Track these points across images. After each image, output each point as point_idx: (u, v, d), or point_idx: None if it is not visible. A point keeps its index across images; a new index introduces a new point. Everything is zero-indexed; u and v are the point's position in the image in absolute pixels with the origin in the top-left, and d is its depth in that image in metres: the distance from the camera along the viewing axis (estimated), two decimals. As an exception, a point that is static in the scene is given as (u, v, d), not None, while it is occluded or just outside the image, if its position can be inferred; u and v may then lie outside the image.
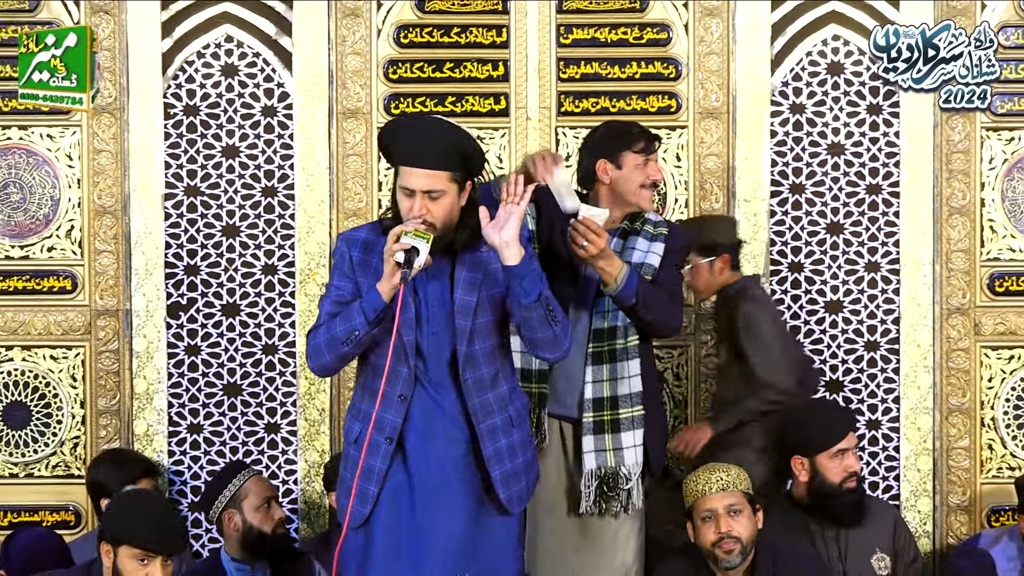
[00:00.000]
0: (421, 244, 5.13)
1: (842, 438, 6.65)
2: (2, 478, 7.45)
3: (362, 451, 5.49)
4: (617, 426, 6.05)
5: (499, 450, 5.49)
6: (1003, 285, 7.47)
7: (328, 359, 5.43)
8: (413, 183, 5.29)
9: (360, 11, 7.32)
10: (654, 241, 6.12)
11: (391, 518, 5.50)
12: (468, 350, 5.44)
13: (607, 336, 6.07)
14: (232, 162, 7.38)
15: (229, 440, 7.44)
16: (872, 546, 6.66)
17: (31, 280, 7.41)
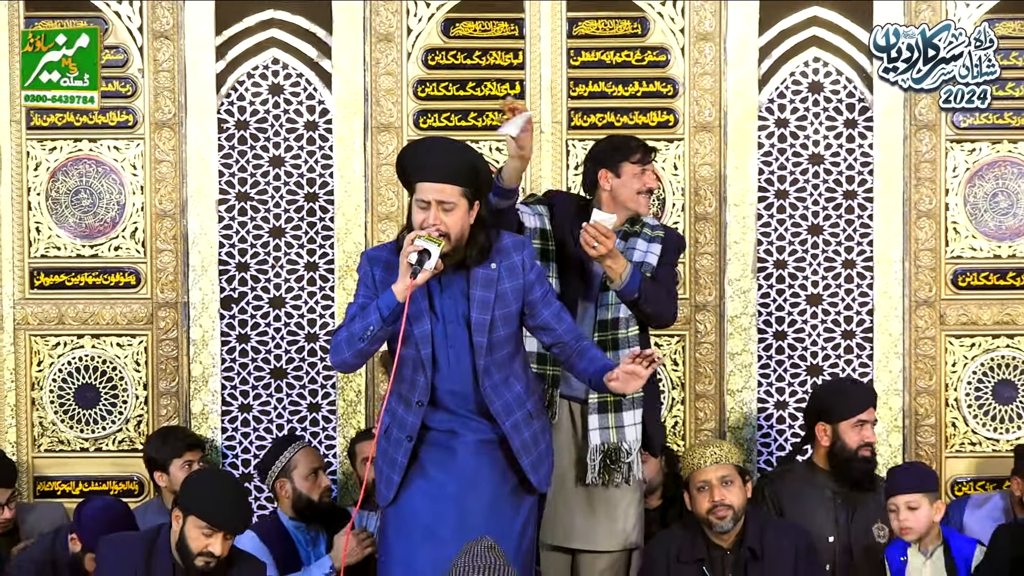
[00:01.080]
0: (433, 248, 5.20)
1: (863, 411, 6.70)
2: (74, 452, 7.48)
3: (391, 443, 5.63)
4: (619, 406, 6.12)
5: (524, 441, 5.59)
6: (965, 280, 7.47)
7: (347, 355, 5.48)
8: (428, 195, 5.36)
9: (392, 36, 7.36)
10: (652, 242, 6.22)
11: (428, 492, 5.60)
12: (485, 362, 5.53)
13: (610, 327, 6.14)
14: (278, 171, 7.45)
15: (275, 418, 7.48)
16: (876, 516, 6.66)
17: (100, 276, 7.46)
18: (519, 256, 5.59)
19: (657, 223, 6.39)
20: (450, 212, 5.39)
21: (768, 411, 7.54)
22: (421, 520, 5.62)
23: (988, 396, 7.55)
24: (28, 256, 7.48)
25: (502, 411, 5.59)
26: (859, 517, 6.73)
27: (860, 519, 6.73)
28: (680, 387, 7.56)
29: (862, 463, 6.69)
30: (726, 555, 6.20)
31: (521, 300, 5.58)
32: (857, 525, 6.72)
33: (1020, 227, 7.53)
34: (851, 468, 6.71)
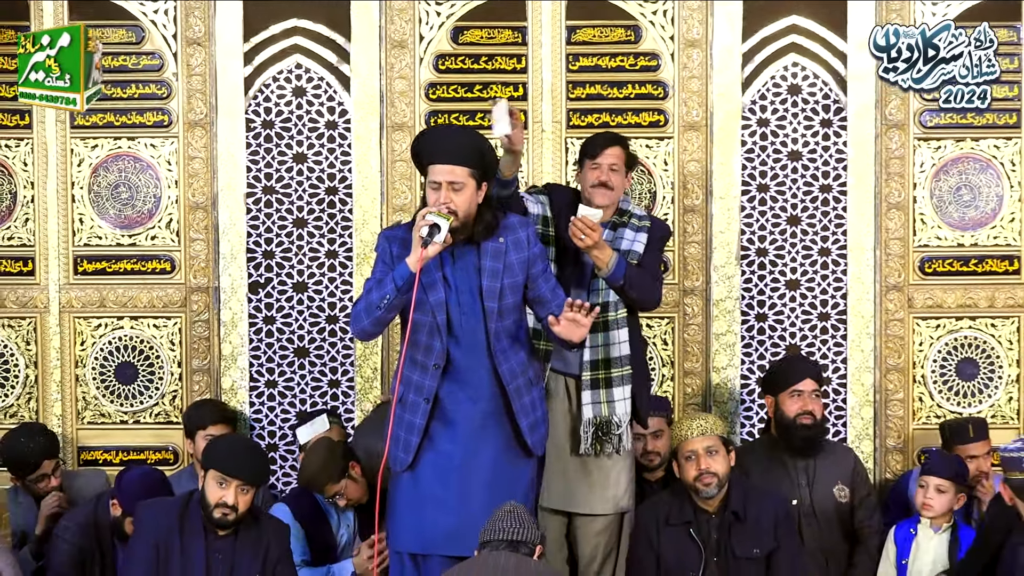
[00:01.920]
0: (443, 223, 5.31)
1: (798, 381, 6.73)
2: (114, 424, 7.51)
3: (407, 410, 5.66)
4: (610, 382, 6.16)
5: (524, 405, 5.64)
6: (931, 267, 7.47)
7: (365, 323, 5.55)
8: (439, 176, 5.47)
9: (405, 43, 7.36)
10: (639, 232, 6.23)
11: (436, 462, 5.63)
12: (495, 327, 5.59)
13: (601, 310, 6.05)
14: (301, 166, 7.45)
15: (299, 393, 7.49)
16: (835, 479, 6.72)
17: (137, 263, 7.47)
18: (524, 232, 5.70)
19: (644, 214, 6.41)
20: (459, 192, 5.49)
21: (750, 387, 7.54)
22: (430, 489, 5.66)
23: (952, 373, 7.55)
24: (72, 245, 7.49)
25: (508, 374, 5.65)
26: (819, 481, 6.77)
27: (820, 482, 6.77)
28: (669, 365, 7.55)
29: (801, 430, 6.71)
30: (711, 518, 6.21)
31: (526, 272, 5.67)
32: (818, 488, 6.76)
33: (982, 218, 7.51)
34: (791, 435, 6.75)
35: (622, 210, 6.32)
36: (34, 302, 7.52)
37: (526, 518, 5.31)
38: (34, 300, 7.52)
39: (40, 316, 7.53)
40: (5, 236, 7.52)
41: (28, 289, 7.52)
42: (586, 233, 5.91)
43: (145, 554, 5.84)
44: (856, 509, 6.78)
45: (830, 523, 6.76)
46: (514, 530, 5.25)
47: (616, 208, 6.32)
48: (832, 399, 7.40)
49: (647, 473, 6.88)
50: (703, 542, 6.19)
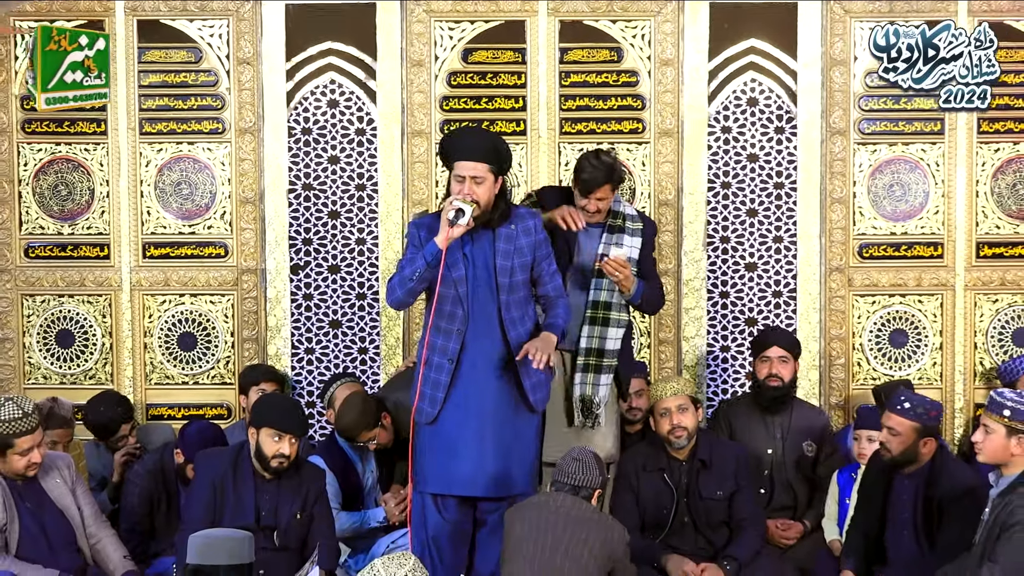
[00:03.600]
0: (467, 208, 5.39)
1: (766, 349, 6.73)
2: (177, 385, 7.51)
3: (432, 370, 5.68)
4: (599, 369, 6.14)
5: (528, 368, 5.64)
6: (868, 252, 7.46)
7: (399, 293, 5.61)
8: (464, 171, 5.53)
9: (423, 63, 7.34)
10: (634, 236, 6.22)
11: (455, 416, 5.65)
12: (506, 299, 5.64)
13: (603, 307, 6.14)
14: (334, 167, 7.43)
15: (332, 359, 7.48)
16: (806, 436, 6.74)
17: (196, 248, 7.47)
18: (532, 221, 5.76)
19: (635, 213, 6.35)
20: (480, 184, 5.55)
21: (715, 353, 7.55)
22: (449, 438, 5.69)
23: (885, 341, 7.54)
24: (141, 233, 7.49)
25: (515, 340, 5.68)
26: (791, 436, 6.77)
27: (792, 437, 6.77)
28: (647, 335, 7.54)
29: (769, 390, 6.72)
30: (682, 465, 6.24)
31: (534, 254, 5.71)
32: (790, 442, 6.76)
33: (911, 211, 7.49)
34: (761, 394, 6.76)
35: (615, 212, 6.28)
36: (109, 282, 7.51)
37: (589, 464, 5.36)
38: (109, 280, 7.51)
39: (114, 294, 7.52)
40: (84, 226, 7.50)
41: (104, 271, 7.51)
42: (621, 272, 6.03)
43: (204, 496, 5.84)
44: (819, 464, 6.79)
45: (796, 472, 6.78)
46: (576, 475, 5.33)
47: (609, 211, 6.27)
48: (784, 363, 7.37)
49: (628, 426, 6.87)
50: (675, 485, 6.22)
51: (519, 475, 5.76)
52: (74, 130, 7.44)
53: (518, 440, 5.77)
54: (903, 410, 5.72)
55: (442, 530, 5.78)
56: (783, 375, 6.73)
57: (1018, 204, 7.51)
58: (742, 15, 7.38)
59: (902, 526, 5.84)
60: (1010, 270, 7.54)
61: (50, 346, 7.55)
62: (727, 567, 6.04)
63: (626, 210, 6.32)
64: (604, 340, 6.17)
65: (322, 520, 6.01)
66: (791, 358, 6.79)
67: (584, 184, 6.11)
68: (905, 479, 5.84)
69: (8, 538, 5.58)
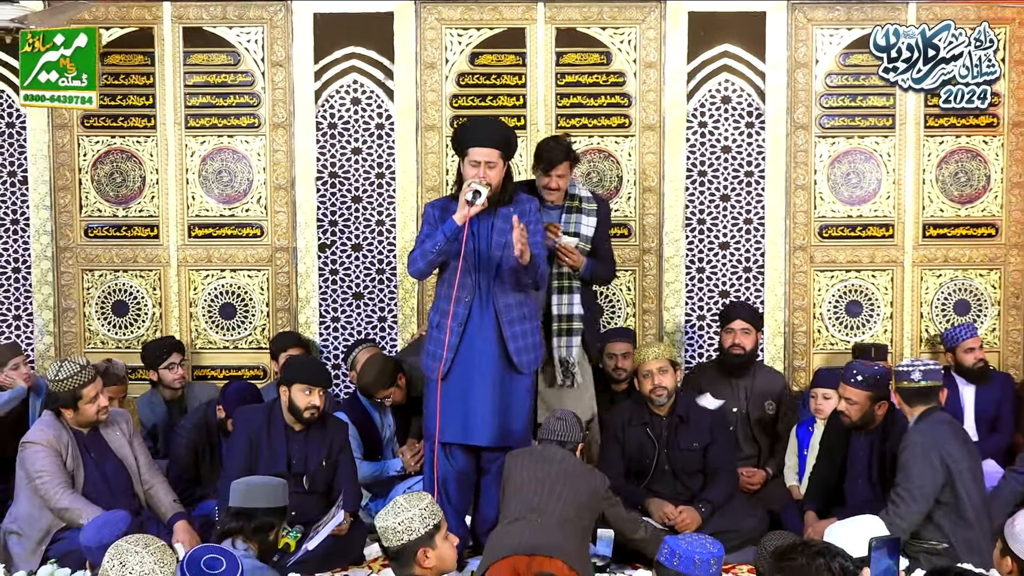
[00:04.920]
0: (483, 190, 5.42)
1: (731, 321, 6.77)
2: (219, 348, 7.54)
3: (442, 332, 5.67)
4: (571, 332, 6.19)
5: (514, 333, 5.67)
6: (827, 232, 7.45)
7: (421, 264, 5.62)
8: (478, 157, 5.54)
9: (435, 65, 7.33)
10: (590, 216, 6.26)
11: (459, 373, 5.67)
12: (500, 268, 5.64)
13: (567, 277, 6.20)
14: (357, 157, 7.43)
15: (355, 327, 7.50)
16: (766, 396, 6.80)
17: (235, 229, 7.48)
18: (528, 205, 5.77)
19: (590, 195, 6.38)
20: (492, 168, 5.58)
21: (692, 322, 7.55)
22: (453, 393, 5.70)
23: (842, 311, 7.55)
24: (187, 216, 7.50)
25: (503, 307, 5.70)
26: (754, 396, 6.80)
27: (755, 397, 6.80)
28: (633, 305, 7.55)
29: (732, 357, 6.76)
30: (662, 420, 6.25)
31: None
32: (753, 401, 6.80)
33: (865, 196, 7.48)
34: (724, 360, 6.81)
35: (571, 195, 6.31)
36: (158, 259, 7.52)
37: (571, 423, 5.44)
38: (158, 257, 7.52)
39: (163, 269, 7.52)
40: (137, 209, 7.50)
41: (154, 249, 7.52)
42: (569, 256, 6.09)
43: (242, 447, 5.87)
44: (779, 420, 6.82)
45: (758, 427, 6.81)
46: (561, 432, 5.40)
47: (566, 194, 6.30)
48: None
49: (615, 385, 6.89)
50: (656, 438, 6.23)
51: (516, 428, 5.78)
52: (127, 124, 7.45)
53: (514, 398, 5.78)
54: (857, 382, 5.78)
55: (450, 476, 5.80)
56: (745, 344, 6.76)
57: (960, 190, 7.50)
58: (717, 23, 7.37)
59: (858, 475, 5.91)
60: (952, 248, 7.53)
61: (107, 315, 7.57)
62: (702, 509, 6.05)
63: (581, 192, 6.35)
64: (572, 306, 6.22)
65: (346, 467, 6.04)
66: (753, 330, 6.81)
67: (547, 162, 6.21)
68: (861, 436, 5.92)
69: (75, 482, 5.65)
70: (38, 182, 7.46)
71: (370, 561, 5.88)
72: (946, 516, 5.39)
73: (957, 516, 5.37)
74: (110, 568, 3.69)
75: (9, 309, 7.54)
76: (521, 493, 5.09)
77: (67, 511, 5.52)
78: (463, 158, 5.65)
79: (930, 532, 5.40)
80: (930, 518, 5.40)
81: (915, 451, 5.37)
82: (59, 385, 5.64)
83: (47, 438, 5.64)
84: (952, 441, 5.42)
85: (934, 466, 5.34)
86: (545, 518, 4.95)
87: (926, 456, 5.34)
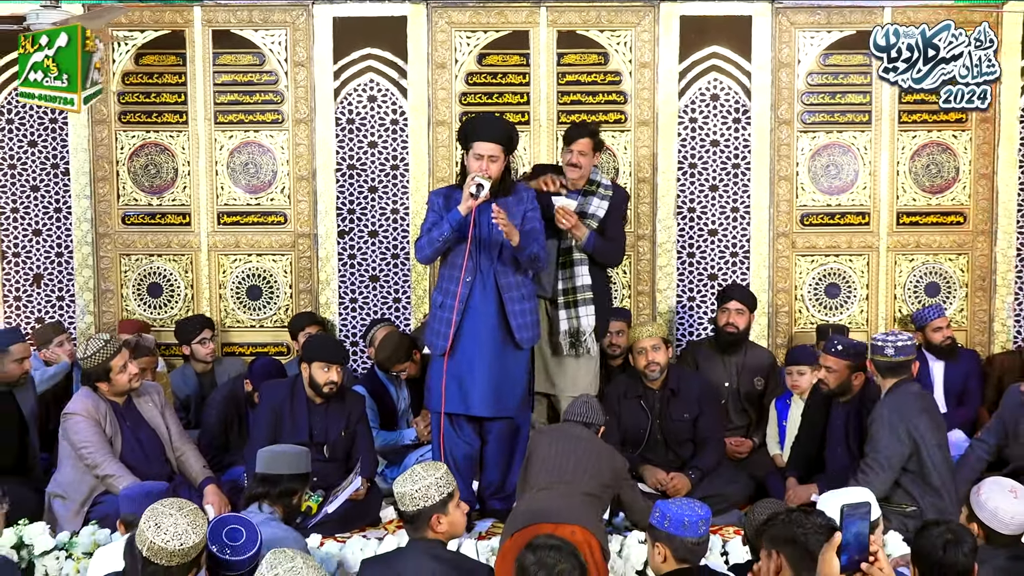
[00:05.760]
0: (485, 183, 5.42)
1: (727, 302, 6.74)
2: (246, 327, 7.54)
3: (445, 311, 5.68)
4: (577, 304, 6.15)
5: (515, 311, 5.68)
6: (808, 220, 7.44)
7: (428, 252, 5.65)
8: (482, 151, 5.54)
9: (446, 64, 7.33)
10: (603, 200, 6.20)
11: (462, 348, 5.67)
12: (499, 252, 5.65)
13: (566, 253, 6.15)
14: (373, 150, 7.42)
15: (372, 307, 7.49)
16: (756, 372, 6.77)
17: (261, 217, 7.48)
18: (526, 193, 5.79)
19: (609, 183, 6.34)
20: (494, 162, 5.57)
21: (683, 303, 7.55)
22: (457, 367, 5.71)
23: (822, 293, 7.55)
24: (216, 204, 7.51)
25: (504, 286, 5.69)
26: (744, 372, 6.79)
27: (745, 373, 6.79)
28: (628, 287, 7.55)
29: (725, 336, 6.74)
30: (655, 393, 6.26)
31: (523, 215, 5.69)
32: (743, 377, 6.79)
33: (843, 186, 7.47)
34: (720, 337, 6.78)
35: (592, 180, 6.27)
36: (190, 244, 7.54)
37: (595, 406, 5.41)
38: (190, 243, 7.54)
39: (194, 253, 7.54)
40: (170, 199, 7.52)
41: (186, 235, 7.54)
42: (566, 218, 5.98)
43: (267, 417, 5.90)
44: (766, 395, 6.81)
45: (748, 401, 6.81)
46: (585, 413, 5.35)
47: (587, 179, 6.27)
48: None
49: (611, 360, 6.90)
50: (650, 409, 6.25)
51: (514, 400, 5.80)
52: (161, 120, 7.45)
53: (512, 371, 5.78)
54: (837, 352, 5.81)
55: (457, 446, 5.83)
56: (738, 324, 6.74)
57: (931, 181, 7.49)
58: (706, 26, 7.35)
59: (837, 444, 5.92)
60: (924, 235, 7.52)
61: (143, 296, 7.58)
62: (691, 475, 6.07)
63: (602, 180, 6.33)
64: (575, 278, 6.17)
65: (363, 437, 6.05)
66: (746, 310, 6.79)
67: (567, 138, 6.23)
68: (840, 407, 5.93)
69: (113, 448, 5.68)
70: (79, 173, 7.47)
71: (385, 523, 5.90)
72: (913, 483, 5.41)
73: (924, 483, 5.40)
74: (146, 529, 3.72)
75: (53, 291, 7.55)
76: (547, 466, 5.05)
77: (110, 478, 5.55)
78: (467, 151, 5.65)
79: (900, 496, 5.43)
80: (899, 484, 5.43)
81: (883, 423, 5.40)
82: (88, 361, 5.67)
83: (86, 408, 5.67)
84: (919, 414, 5.43)
85: (900, 438, 5.36)
86: (570, 488, 4.94)
87: (893, 429, 5.37)
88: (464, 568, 4.08)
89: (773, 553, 3.42)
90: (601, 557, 4.72)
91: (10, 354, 6.16)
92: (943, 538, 3.71)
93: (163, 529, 3.69)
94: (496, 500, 5.90)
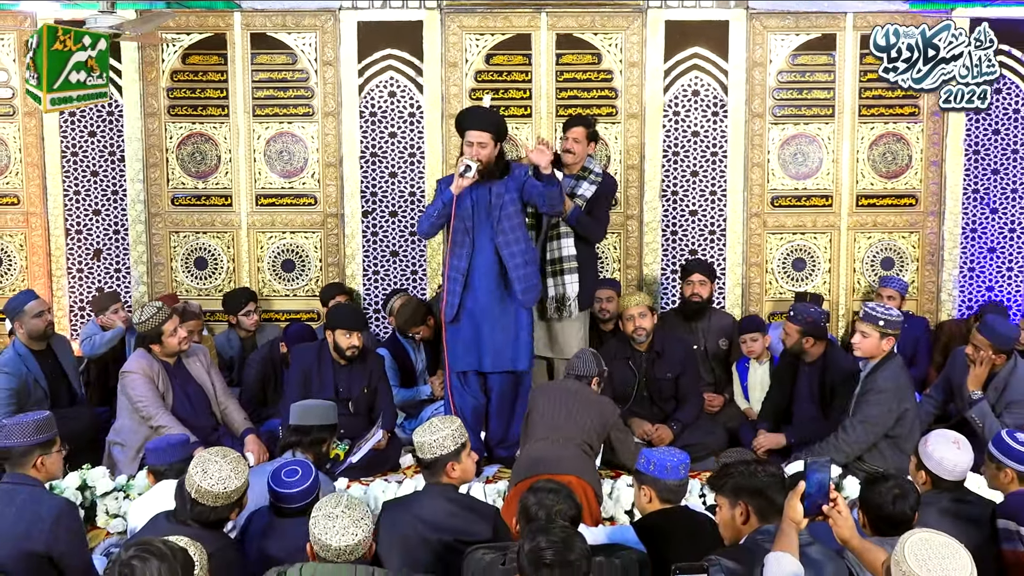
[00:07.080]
0: (473, 165, 5.44)
1: (690, 275, 6.73)
2: (282, 296, 7.52)
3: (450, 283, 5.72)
4: (562, 272, 6.12)
5: (518, 275, 5.69)
6: (777, 202, 7.42)
7: (425, 226, 5.69)
8: (471, 138, 5.57)
9: (457, 63, 7.30)
10: (592, 185, 6.18)
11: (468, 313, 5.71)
12: (500, 225, 5.66)
13: (554, 227, 6.11)
14: (393, 140, 7.40)
15: (392, 279, 7.48)
16: (720, 335, 6.76)
17: (294, 199, 7.45)
18: (520, 170, 5.77)
19: (600, 172, 6.31)
20: (484, 147, 5.59)
21: (667, 275, 7.54)
22: (464, 330, 5.74)
23: (789, 267, 7.54)
24: (254, 188, 7.49)
25: (507, 255, 5.70)
26: (710, 335, 6.79)
27: (711, 336, 6.79)
28: (618, 261, 7.54)
29: (691, 305, 6.73)
30: (642, 355, 6.27)
31: (520, 189, 5.70)
32: (709, 339, 6.79)
33: (809, 172, 7.44)
34: (686, 307, 6.77)
35: (585, 167, 6.27)
36: (232, 223, 7.53)
37: (588, 359, 5.40)
38: (232, 221, 7.53)
39: (235, 231, 7.53)
40: (214, 183, 7.50)
41: (228, 215, 7.53)
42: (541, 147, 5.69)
43: (298, 377, 5.92)
44: (731, 354, 6.81)
45: (715, 360, 6.82)
46: (578, 367, 5.37)
47: (581, 165, 6.26)
48: (718, 283, 7.34)
49: (602, 324, 6.90)
50: (636, 368, 6.26)
51: (518, 356, 5.80)
52: (205, 113, 7.43)
53: (514, 330, 5.79)
54: (790, 317, 5.94)
55: (466, 401, 5.85)
56: (702, 293, 6.74)
57: (887, 167, 7.46)
58: (689, 29, 7.32)
59: (803, 399, 5.97)
60: (880, 215, 7.51)
61: (190, 269, 7.59)
62: (674, 427, 6.09)
63: (594, 168, 6.31)
64: (560, 249, 6.14)
65: (384, 394, 6.07)
66: (708, 281, 6.78)
67: (564, 126, 6.33)
68: (806, 367, 5.96)
69: (165, 402, 5.72)
70: (133, 160, 7.46)
71: (404, 469, 5.93)
72: (889, 447, 5.37)
73: (898, 449, 5.34)
74: (194, 473, 3.75)
75: (111, 264, 7.56)
76: (544, 419, 5.06)
77: (162, 428, 5.58)
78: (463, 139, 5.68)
79: (872, 458, 5.37)
80: (875, 446, 5.38)
81: (882, 396, 5.29)
82: (143, 326, 5.70)
83: (142, 367, 5.70)
84: (908, 387, 5.41)
85: (892, 410, 5.31)
86: (563, 437, 4.95)
87: (888, 403, 5.30)
88: (474, 508, 4.10)
89: (740, 503, 3.44)
90: (595, 499, 4.75)
91: (27, 312, 6.12)
92: (892, 493, 3.75)
93: (209, 474, 3.72)
94: (501, 449, 5.93)
